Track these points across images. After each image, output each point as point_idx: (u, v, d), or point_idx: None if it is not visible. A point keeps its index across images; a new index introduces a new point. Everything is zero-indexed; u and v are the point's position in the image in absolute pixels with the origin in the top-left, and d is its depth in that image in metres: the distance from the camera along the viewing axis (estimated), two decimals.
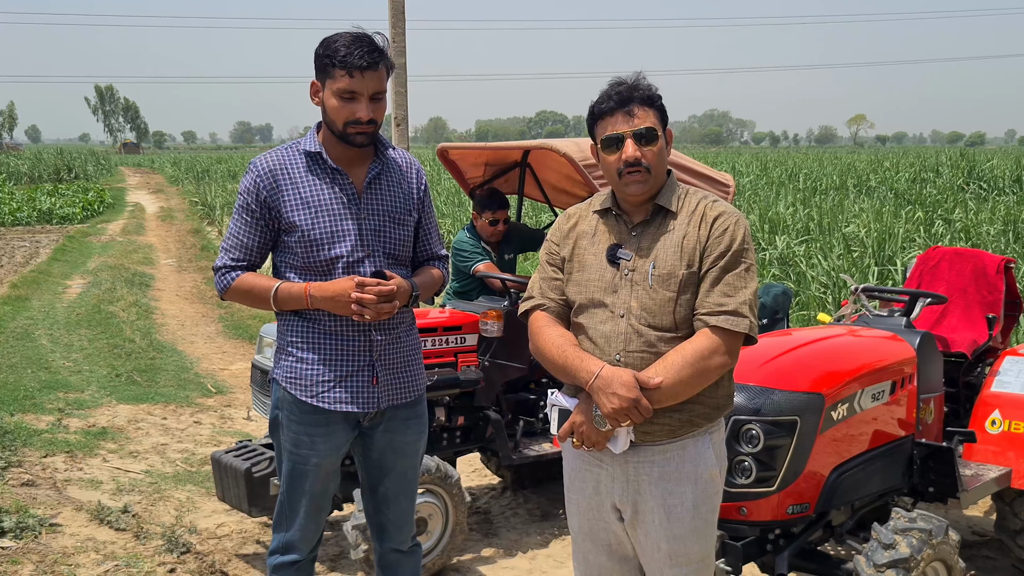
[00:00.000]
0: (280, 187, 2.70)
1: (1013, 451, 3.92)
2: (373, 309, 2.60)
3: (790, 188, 24.32)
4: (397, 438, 2.85)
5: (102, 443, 5.93)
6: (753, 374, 3.22)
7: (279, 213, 2.70)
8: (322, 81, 2.67)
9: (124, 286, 12.37)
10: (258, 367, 4.52)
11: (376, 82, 2.63)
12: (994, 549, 4.41)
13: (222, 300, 2.92)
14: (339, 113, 2.64)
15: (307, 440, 2.75)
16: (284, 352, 2.79)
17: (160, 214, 25.69)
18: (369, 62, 2.59)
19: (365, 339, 2.74)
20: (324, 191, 2.71)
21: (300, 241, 2.69)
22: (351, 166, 2.76)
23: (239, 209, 2.75)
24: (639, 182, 2.35)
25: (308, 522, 2.84)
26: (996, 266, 4.50)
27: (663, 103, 2.41)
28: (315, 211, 2.69)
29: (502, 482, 5.46)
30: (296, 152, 2.76)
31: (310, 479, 2.79)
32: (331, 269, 2.70)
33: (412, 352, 2.87)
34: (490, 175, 5.58)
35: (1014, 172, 24.46)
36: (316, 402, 2.72)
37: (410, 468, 2.92)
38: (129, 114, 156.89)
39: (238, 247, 2.75)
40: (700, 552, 2.42)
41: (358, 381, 2.74)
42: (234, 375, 8.13)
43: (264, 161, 2.74)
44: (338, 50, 2.60)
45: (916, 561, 3.03)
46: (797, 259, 11.46)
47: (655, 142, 2.35)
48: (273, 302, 2.70)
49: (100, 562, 4.14)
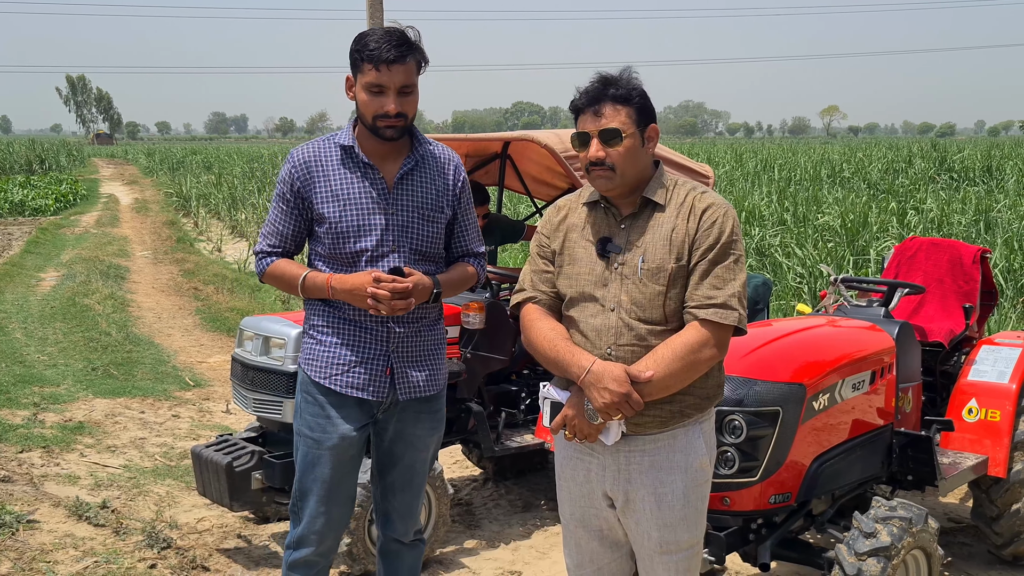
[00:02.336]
0: (313, 178, 2.77)
1: (989, 439, 3.97)
2: (387, 305, 2.64)
3: (765, 179, 24.47)
4: (408, 429, 2.87)
5: (79, 438, 5.86)
6: (735, 365, 3.23)
7: (311, 204, 2.77)
8: (354, 75, 2.72)
9: (99, 278, 12.22)
10: (238, 360, 4.48)
11: (404, 75, 2.67)
12: (970, 536, 4.48)
13: (260, 283, 3.02)
14: (368, 107, 2.69)
15: (321, 423, 2.79)
16: (307, 335, 2.87)
17: (134, 206, 25.42)
18: (396, 56, 2.64)
19: (384, 329, 2.78)
20: (354, 185, 2.76)
21: (328, 233, 2.75)
22: (384, 160, 2.80)
23: (277, 197, 2.84)
24: (603, 178, 2.37)
25: (320, 513, 2.83)
26: (972, 256, 4.55)
27: (644, 101, 2.39)
28: (344, 204, 2.74)
29: (484, 473, 5.47)
30: (332, 144, 2.82)
31: (322, 465, 2.80)
32: (356, 262, 2.75)
33: (433, 348, 2.89)
34: (470, 166, 5.56)
35: (984, 162, 24.78)
36: (329, 383, 2.78)
37: (418, 462, 2.94)
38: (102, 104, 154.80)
39: (274, 234, 2.85)
40: (690, 540, 2.44)
41: (371, 369, 2.77)
42: (212, 368, 8.07)
43: (301, 152, 2.81)
44: (367, 44, 2.65)
45: (896, 549, 3.06)
46: (773, 250, 11.53)
47: (619, 142, 2.34)
48: (300, 289, 2.79)
49: (79, 559, 4.10)
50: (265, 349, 4.16)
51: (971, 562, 4.23)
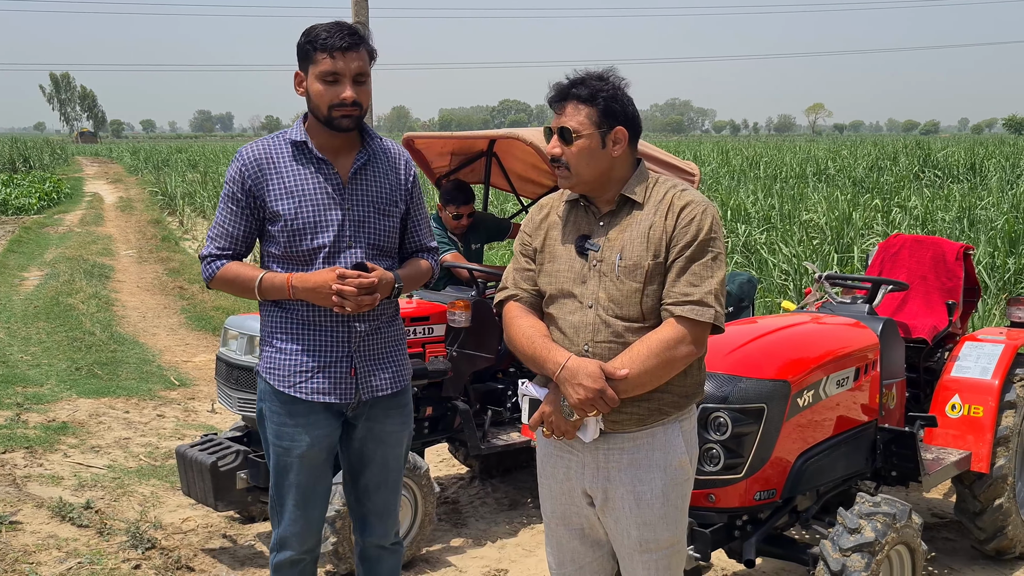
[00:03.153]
0: (265, 176, 2.70)
1: (972, 435, 3.99)
2: (353, 301, 2.60)
3: (751, 177, 24.55)
4: (378, 427, 2.84)
5: (62, 438, 5.83)
6: (720, 362, 3.24)
7: (264, 202, 2.70)
8: (305, 68, 2.68)
9: (83, 278, 12.15)
10: (223, 360, 4.46)
11: (358, 63, 2.65)
12: (953, 531, 4.51)
13: (208, 288, 2.92)
14: (323, 97, 2.64)
15: (289, 432, 2.75)
16: (266, 343, 2.80)
17: (119, 204, 25.26)
18: (350, 43, 2.62)
19: (345, 329, 2.73)
20: (308, 180, 2.71)
21: (283, 231, 2.69)
22: (337, 155, 2.76)
23: (225, 198, 2.75)
24: (560, 176, 2.41)
25: (297, 516, 2.81)
26: (955, 253, 4.58)
27: (611, 103, 2.36)
28: (299, 200, 2.69)
29: (470, 472, 5.46)
30: (282, 141, 2.76)
31: (295, 471, 2.78)
32: (313, 259, 2.70)
33: (395, 343, 2.86)
34: (456, 164, 5.56)
35: (967, 160, 24.92)
36: (294, 392, 2.72)
37: (392, 458, 2.90)
38: (86, 103, 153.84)
39: (224, 236, 2.76)
40: (670, 539, 2.44)
41: (336, 372, 2.73)
42: (197, 367, 8.03)
43: (250, 150, 2.74)
44: (319, 34, 2.62)
45: (880, 545, 3.08)
46: (759, 247, 11.57)
47: (573, 142, 2.36)
48: (257, 292, 2.71)
49: (62, 560, 4.08)
50: (250, 348, 4.15)
51: (954, 557, 4.25)
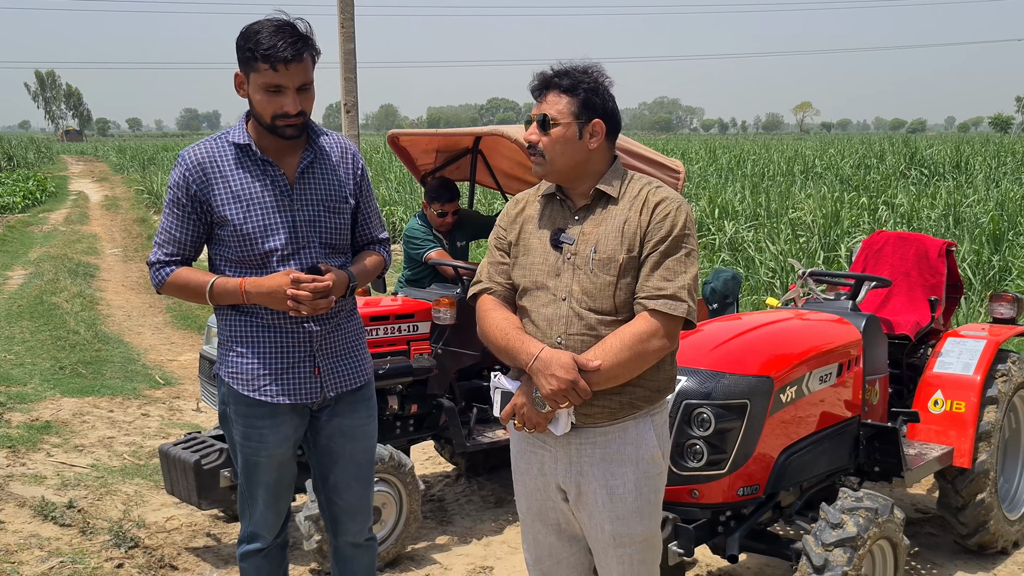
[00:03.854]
0: (210, 181, 2.65)
1: (954, 430, 4.01)
2: (309, 305, 2.57)
3: (738, 175, 24.61)
4: (345, 422, 2.82)
5: (46, 437, 5.79)
6: (704, 358, 3.25)
7: (210, 207, 2.65)
8: (246, 73, 2.60)
9: (67, 277, 12.08)
10: (206, 358, 4.45)
11: (302, 74, 2.57)
12: (936, 526, 4.53)
13: (159, 294, 2.88)
14: (266, 107, 2.59)
15: (255, 433, 2.73)
16: (225, 347, 2.76)
17: (104, 203, 25.13)
18: (293, 54, 2.53)
19: (304, 331, 2.71)
20: (255, 184, 2.66)
21: (233, 235, 2.64)
22: (282, 156, 2.71)
23: (169, 203, 2.69)
24: (535, 164, 2.44)
25: (268, 511, 2.83)
26: (938, 250, 4.60)
27: (592, 96, 2.39)
28: (247, 205, 2.64)
29: (456, 469, 5.45)
30: (225, 143, 2.69)
31: (263, 470, 2.77)
32: (266, 262, 2.66)
33: (354, 339, 2.85)
34: (441, 162, 5.54)
35: (953, 158, 25.06)
36: (259, 396, 2.70)
37: (360, 452, 2.88)
38: (71, 101, 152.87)
39: (170, 242, 2.70)
40: (644, 533, 2.45)
41: (300, 373, 2.71)
42: (183, 366, 7.99)
43: (192, 154, 2.67)
44: (260, 42, 2.52)
45: (863, 539, 3.09)
46: (746, 244, 11.60)
47: (550, 130, 2.38)
48: (209, 297, 2.67)
49: (44, 559, 4.05)
50: None
51: (937, 552, 4.27)
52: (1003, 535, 4.15)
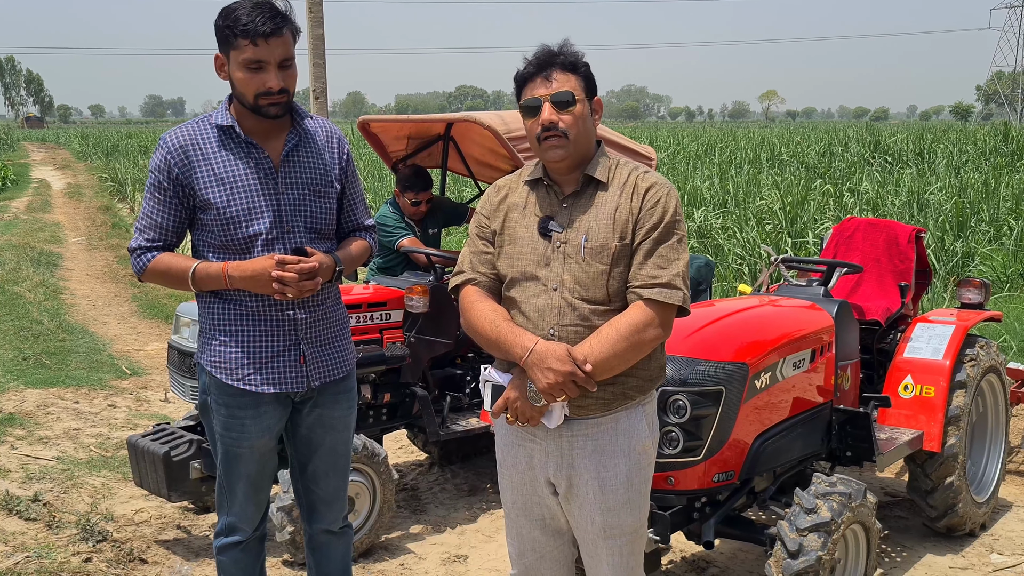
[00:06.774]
0: (192, 164, 2.58)
1: (924, 414, 4.06)
2: (295, 287, 2.52)
3: (706, 162, 24.72)
4: (326, 413, 2.79)
5: (9, 429, 5.67)
6: (679, 345, 3.25)
7: (193, 191, 2.59)
8: (226, 53, 2.55)
9: (30, 266, 11.85)
10: (175, 348, 4.38)
11: (283, 48, 2.52)
12: (906, 509, 4.58)
13: (140, 282, 2.81)
14: (248, 85, 2.53)
15: (237, 423, 2.68)
16: (207, 335, 2.69)
17: (67, 191, 24.69)
18: (273, 28, 2.48)
19: (288, 319, 2.66)
20: (239, 167, 2.60)
21: (216, 219, 2.58)
22: (266, 139, 2.65)
23: (151, 187, 2.62)
24: (556, 147, 2.32)
25: (248, 503, 2.79)
26: (908, 236, 4.64)
27: (590, 71, 2.38)
28: (230, 188, 2.58)
29: (429, 458, 5.43)
30: (208, 126, 2.63)
31: (244, 461, 2.73)
32: (250, 247, 2.60)
33: (339, 328, 2.80)
34: (413, 148, 5.50)
35: (916, 146, 25.34)
36: (243, 385, 2.64)
37: (340, 443, 2.86)
38: (32, 87, 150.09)
39: (152, 227, 2.63)
40: (633, 523, 2.43)
41: (285, 362, 2.66)
42: (150, 356, 7.88)
43: (174, 137, 2.61)
44: (239, 18, 2.47)
45: (837, 524, 3.11)
46: (715, 232, 11.66)
47: (572, 107, 2.31)
48: (191, 283, 2.60)
49: (9, 554, 3.97)
50: None
51: (906, 535, 4.33)
52: (971, 517, 4.21)
